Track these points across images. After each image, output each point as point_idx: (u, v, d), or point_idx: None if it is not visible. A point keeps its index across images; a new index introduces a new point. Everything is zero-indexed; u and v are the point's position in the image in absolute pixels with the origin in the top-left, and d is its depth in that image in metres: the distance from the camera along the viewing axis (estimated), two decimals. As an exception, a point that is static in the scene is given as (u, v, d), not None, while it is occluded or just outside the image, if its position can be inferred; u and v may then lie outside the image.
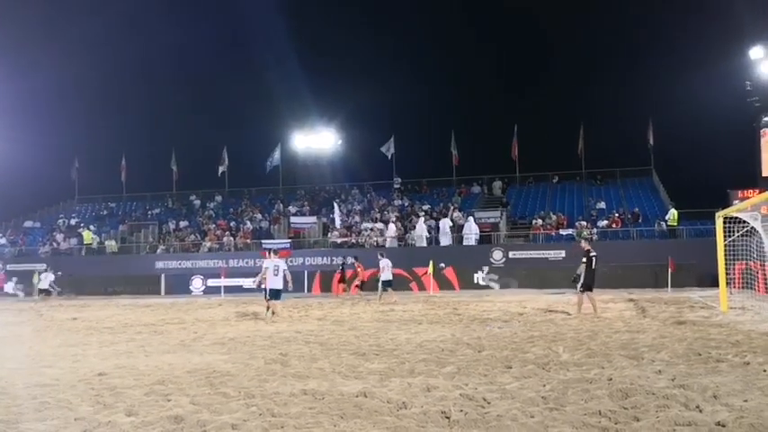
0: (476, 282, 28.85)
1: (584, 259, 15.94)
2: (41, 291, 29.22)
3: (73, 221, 42.96)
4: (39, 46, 45.61)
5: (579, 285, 15.99)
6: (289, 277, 17.43)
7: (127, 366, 9.45)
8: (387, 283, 22.20)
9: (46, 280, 29.25)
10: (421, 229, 32.74)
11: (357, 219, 37.08)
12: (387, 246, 32.00)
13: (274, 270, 17.07)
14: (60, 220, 43.03)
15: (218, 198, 44.39)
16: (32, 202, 46.31)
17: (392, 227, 33.14)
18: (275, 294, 17.12)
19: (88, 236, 38.44)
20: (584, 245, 16.68)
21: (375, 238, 33.89)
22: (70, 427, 6.05)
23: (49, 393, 7.50)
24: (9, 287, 33.37)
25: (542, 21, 58.29)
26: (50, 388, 7.84)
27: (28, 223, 43.88)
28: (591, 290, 16.00)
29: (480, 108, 56.59)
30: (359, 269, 27.33)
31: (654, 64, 52.31)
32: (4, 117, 43.03)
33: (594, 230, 31.58)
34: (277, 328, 14.81)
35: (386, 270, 22.50)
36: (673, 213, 30.72)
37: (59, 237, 39.52)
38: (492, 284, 28.83)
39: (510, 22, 61.69)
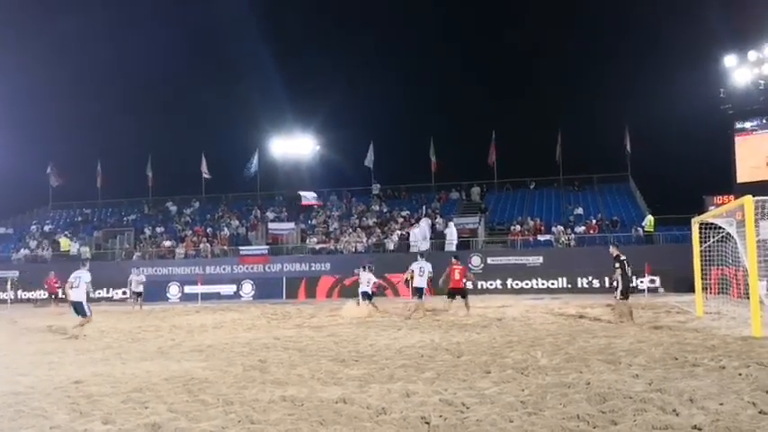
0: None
1: (617, 265, 15.14)
2: (136, 294, 26.44)
3: (47, 228, 42.43)
4: (11, 50, 45.05)
5: (619, 293, 15.09)
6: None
7: (103, 374, 9.34)
8: (365, 295, 20.43)
9: (138, 282, 26.57)
10: (423, 232, 32.83)
11: (335, 225, 37.04)
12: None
13: (420, 271, 18.97)
14: (34, 227, 42.48)
15: (195, 204, 44.09)
16: (4, 208, 45.66)
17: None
18: (420, 293, 18.78)
19: (65, 243, 37.96)
20: (614, 250, 15.74)
21: (354, 244, 33.88)
22: (45, 436, 5.97)
23: (24, 401, 7.40)
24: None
25: (521, 28, 58.76)
26: (25, 396, 7.74)
27: (0, 230, 43.24)
28: (628, 297, 15.24)
29: (459, 114, 56.91)
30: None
31: (631, 71, 52.93)
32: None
33: (572, 236, 31.81)
34: (255, 334, 14.72)
35: (363, 283, 20.69)
36: (649, 219, 31.06)
37: (33, 243, 39.01)
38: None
39: (489, 29, 62.12)
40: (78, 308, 15.56)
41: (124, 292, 32.00)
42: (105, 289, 32.71)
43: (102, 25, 50.60)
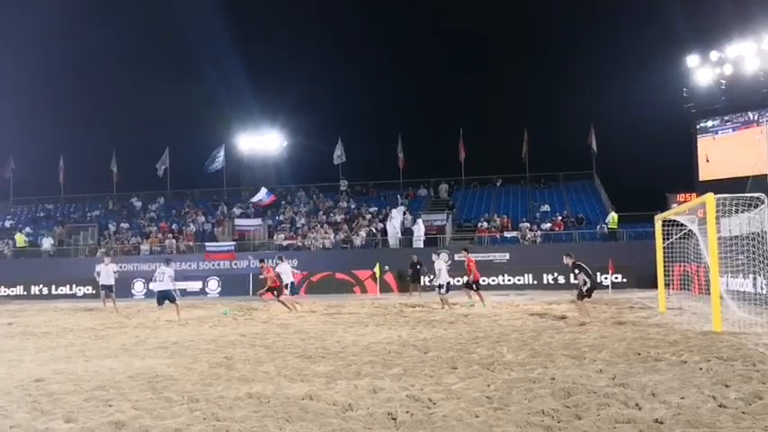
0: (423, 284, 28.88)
1: (577, 271, 14.81)
2: (106, 287, 22.81)
3: (8, 223, 41.58)
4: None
5: (585, 291, 14.70)
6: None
7: (66, 372, 9.19)
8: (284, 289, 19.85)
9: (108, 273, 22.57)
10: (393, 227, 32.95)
11: (303, 221, 36.90)
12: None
13: (447, 268, 19.55)
14: (-6, 222, 41.63)
15: (161, 200, 43.52)
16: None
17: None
18: (447, 287, 19.27)
19: (20, 239, 37.20)
20: (567, 260, 15.30)
21: (321, 240, 33.81)
22: (5, 435, 5.86)
23: (-18, 401, 7.25)
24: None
25: (485, 25, 59.04)
26: (-16, 395, 7.58)
27: (-41, 225, 42.29)
28: (590, 296, 14.98)
29: (427, 112, 57.03)
30: (267, 273, 21.88)
31: (595, 70, 53.46)
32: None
33: (538, 233, 32.11)
34: (221, 331, 14.61)
35: (284, 275, 20.09)
36: (613, 216, 31.47)
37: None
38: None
39: (453, 26, 62.31)
40: (167, 295, 18.05)
41: (88, 289, 31.58)
42: (68, 285, 32.17)
43: (62, 18, 49.55)
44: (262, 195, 38.41)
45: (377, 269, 28.09)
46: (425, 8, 62.39)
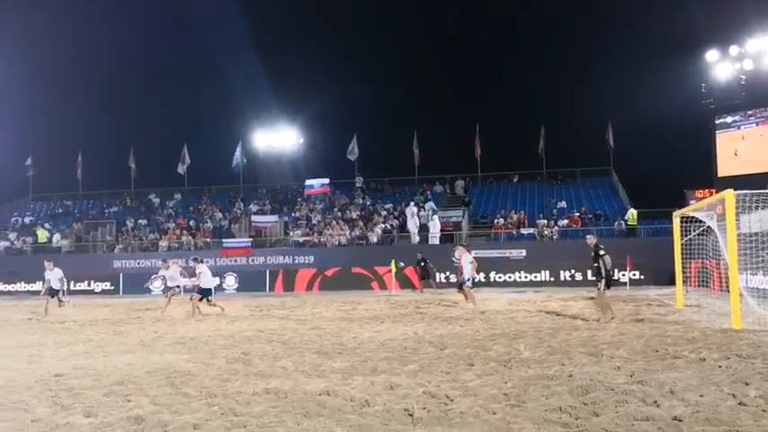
0: (438, 280, 28.86)
1: (602, 253, 13.96)
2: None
3: (27, 220, 42.02)
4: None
5: (603, 284, 13.99)
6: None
7: (85, 367, 9.27)
8: (206, 292, 18.26)
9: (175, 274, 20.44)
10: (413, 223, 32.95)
11: (318, 218, 36.98)
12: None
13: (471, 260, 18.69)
14: (14, 219, 42.06)
15: (178, 196, 43.82)
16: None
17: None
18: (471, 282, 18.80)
19: (43, 235, 37.63)
20: (592, 240, 14.62)
21: (337, 237, 33.86)
22: (27, 429, 5.92)
23: (4, 395, 7.34)
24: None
25: (501, 21, 58.84)
26: (5, 389, 7.67)
27: (-20, 222, 42.78)
28: (610, 287, 14.35)
29: (443, 108, 56.85)
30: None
31: (613, 65, 53.13)
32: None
33: (555, 229, 31.98)
34: (238, 327, 14.68)
35: (202, 277, 18.40)
36: (631, 213, 31.27)
37: (12, 235, 38.63)
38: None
39: (471, 22, 62.13)
40: (209, 293, 18.17)
41: (106, 285, 31.90)
42: (87, 281, 32.44)
43: (83, 15, 49.97)
44: (318, 184, 38.73)
45: (393, 266, 28.09)
46: (439, 4, 62.17)
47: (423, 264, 27.45)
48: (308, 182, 40.07)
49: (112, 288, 31.98)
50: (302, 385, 7.54)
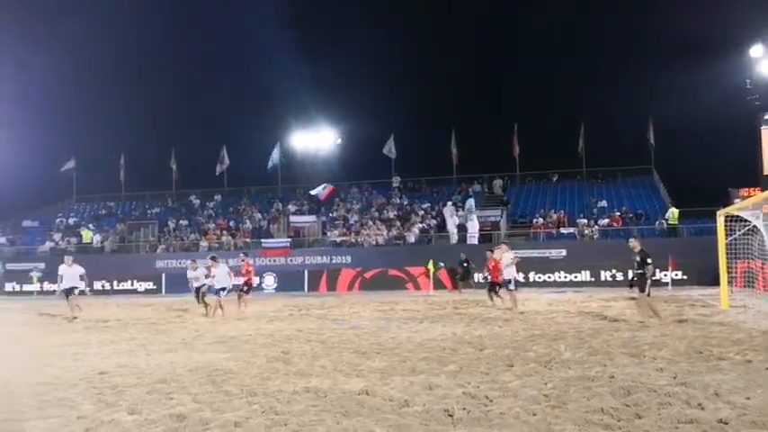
0: (477, 281, 28.74)
1: (649, 260, 13.65)
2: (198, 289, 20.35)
3: (72, 221, 42.93)
4: (36, 44, 45.54)
5: (648, 288, 13.71)
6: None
7: (128, 365, 9.43)
8: (222, 290, 18.09)
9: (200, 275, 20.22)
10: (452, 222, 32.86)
11: (356, 218, 37.11)
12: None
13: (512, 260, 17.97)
14: (59, 220, 42.99)
15: (218, 197, 44.37)
16: (31, 201, 46.23)
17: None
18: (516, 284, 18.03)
19: (87, 235, 38.43)
20: (635, 243, 14.26)
21: (374, 237, 33.93)
22: (72, 426, 6.04)
23: (50, 392, 7.49)
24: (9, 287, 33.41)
25: (540, 18, 58.31)
26: (52, 386, 7.83)
27: (26, 222, 43.78)
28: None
29: (481, 107, 56.60)
30: (248, 268, 20.41)
31: (654, 62, 52.34)
32: (3, 117, 43.02)
33: (596, 229, 31.62)
34: (278, 326, 14.81)
35: (219, 277, 18.27)
36: (673, 212, 30.75)
37: (57, 236, 39.50)
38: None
39: (511, 20, 61.68)
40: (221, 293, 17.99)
41: (149, 285, 32.43)
42: (129, 281, 33.04)
43: (125, 20, 50.89)
44: (319, 189, 38.92)
45: (430, 266, 28.06)
46: (481, 4, 61.83)
47: (466, 264, 27.35)
48: (312, 192, 40.16)
49: (155, 287, 32.50)
50: (341, 384, 7.57)
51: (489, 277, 19.36)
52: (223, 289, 18.12)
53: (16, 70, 44.48)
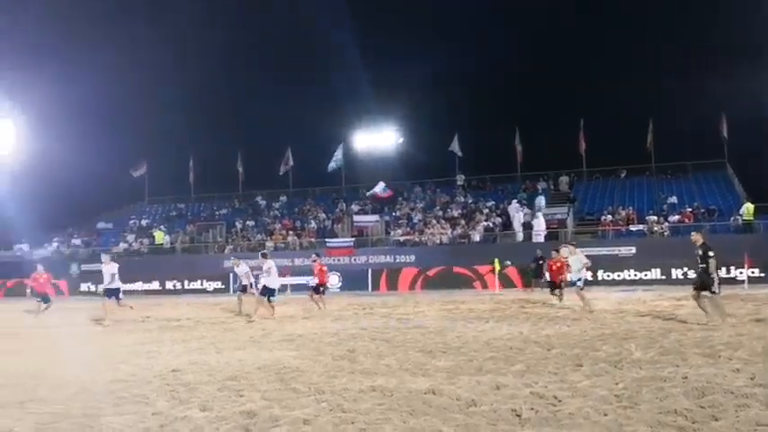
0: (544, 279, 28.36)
1: (711, 254, 13.04)
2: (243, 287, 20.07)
3: (144, 222, 44.22)
4: (107, 51, 46.93)
5: (717, 286, 13.07)
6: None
7: (199, 363, 9.66)
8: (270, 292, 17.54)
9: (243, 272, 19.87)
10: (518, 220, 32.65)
11: (419, 217, 37.07)
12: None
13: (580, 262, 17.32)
14: (132, 221, 44.33)
15: (283, 198, 45.01)
16: (105, 203, 47.83)
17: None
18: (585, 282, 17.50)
19: (160, 236, 39.54)
20: (698, 237, 13.57)
21: (438, 236, 33.83)
22: (147, 422, 6.22)
23: (125, 389, 7.74)
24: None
25: (610, 9, 57.02)
26: (127, 384, 8.09)
27: (101, 224, 45.34)
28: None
29: (545, 102, 55.63)
30: (320, 268, 20.49)
31: (727, 52, 50.47)
32: (79, 122, 44.69)
33: (666, 225, 30.79)
34: (342, 325, 14.92)
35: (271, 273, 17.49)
36: (748, 207, 29.66)
37: (131, 237, 40.75)
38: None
39: (576, 14, 60.51)
40: (273, 293, 17.61)
41: (218, 284, 33.13)
42: (199, 281, 33.83)
43: (192, 24, 52.01)
44: (379, 189, 39.13)
45: (496, 264, 27.81)
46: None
47: (541, 261, 27.00)
48: (368, 193, 40.41)
49: (223, 287, 33.15)
50: (407, 383, 7.57)
51: (549, 277, 19.02)
52: (273, 290, 17.49)
53: (88, 78, 45.94)
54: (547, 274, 19.45)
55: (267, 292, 17.46)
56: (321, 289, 19.67)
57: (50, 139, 41.05)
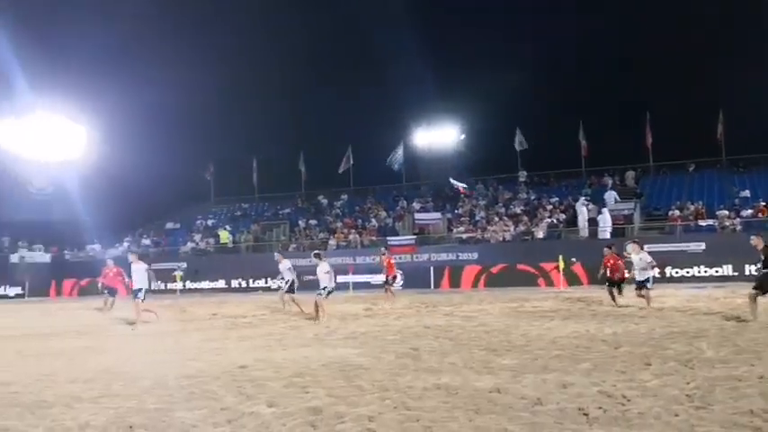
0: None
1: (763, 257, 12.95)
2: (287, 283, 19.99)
3: (210, 222, 45.19)
4: (175, 57, 48.10)
5: None
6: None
7: (266, 359, 9.83)
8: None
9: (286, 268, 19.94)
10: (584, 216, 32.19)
11: (482, 214, 36.81)
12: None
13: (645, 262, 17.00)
14: (198, 221, 45.36)
15: (344, 197, 45.32)
16: (173, 204, 49.06)
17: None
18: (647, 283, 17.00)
19: (224, 236, 40.35)
20: (757, 241, 13.46)
21: (501, 233, 33.53)
22: (216, 417, 6.36)
23: (195, 384, 7.94)
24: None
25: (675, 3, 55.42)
26: (197, 379, 8.29)
27: (169, 224, 46.55)
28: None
29: (610, 95, 54.45)
30: (388, 262, 21.38)
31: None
32: (147, 126, 45.93)
33: (738, 220, 29.78)
34: (405, 323, 14.94)
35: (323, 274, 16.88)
36: (827, 201, 28.46)
37: (197, 237, 41.70)
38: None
39: (639, 5, 59.01)
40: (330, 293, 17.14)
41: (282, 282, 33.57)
42: (264, 279, 34.36)
43: (256, 27, 52.80)
44: (462, 184, 39.44)
45: (560, 262, 27.39)
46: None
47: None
48: (452, 181, 40.67)
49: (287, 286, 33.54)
50: (472, 382, 7.54)
51: (605, 272, 18.49)
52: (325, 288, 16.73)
53: (157, 83, 47.21)
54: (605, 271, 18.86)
55: (327, 293, 16.75)
56: (391, 281, 20.08)
57: (120, 143, 42.38)
